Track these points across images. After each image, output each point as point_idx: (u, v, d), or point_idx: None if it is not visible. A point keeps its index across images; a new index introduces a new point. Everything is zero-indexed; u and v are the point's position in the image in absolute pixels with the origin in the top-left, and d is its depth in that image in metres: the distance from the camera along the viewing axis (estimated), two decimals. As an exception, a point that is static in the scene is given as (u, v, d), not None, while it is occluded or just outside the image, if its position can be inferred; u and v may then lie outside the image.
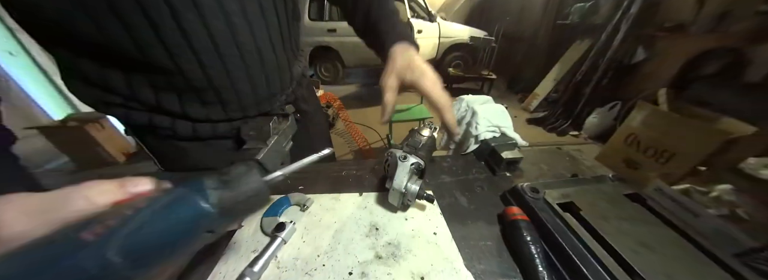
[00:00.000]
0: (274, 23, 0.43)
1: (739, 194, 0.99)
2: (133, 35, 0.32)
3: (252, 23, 0.39)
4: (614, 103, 2.32)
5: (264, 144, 0.45)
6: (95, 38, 0.32)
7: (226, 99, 0.43)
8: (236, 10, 0.37)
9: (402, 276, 0.31)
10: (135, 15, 0.31)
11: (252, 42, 0.40)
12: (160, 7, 0.31)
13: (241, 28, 0.38)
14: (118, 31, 0.31)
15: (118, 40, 0.32)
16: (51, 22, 0.30)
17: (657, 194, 0.41)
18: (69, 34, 0.32)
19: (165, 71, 0.36)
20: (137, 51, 0.33)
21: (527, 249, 0.32)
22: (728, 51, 1.76)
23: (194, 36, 0.35)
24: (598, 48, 2.42)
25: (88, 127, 1.84)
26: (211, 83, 0.40)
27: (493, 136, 0.57)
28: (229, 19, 0.36)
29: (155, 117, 0.42)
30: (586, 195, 0.40)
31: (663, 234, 0.35)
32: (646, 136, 1.53)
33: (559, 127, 2.58)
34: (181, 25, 0.33)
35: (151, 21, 0.32)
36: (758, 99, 1.52)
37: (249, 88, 0.44)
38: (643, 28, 2.18)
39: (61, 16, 0.30)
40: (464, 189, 0.47)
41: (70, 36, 0.32)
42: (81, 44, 0.34)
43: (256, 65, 0.43)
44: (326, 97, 2.65)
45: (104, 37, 0.32)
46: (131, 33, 0.32)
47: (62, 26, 0.31)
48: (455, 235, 0.37)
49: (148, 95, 0.39)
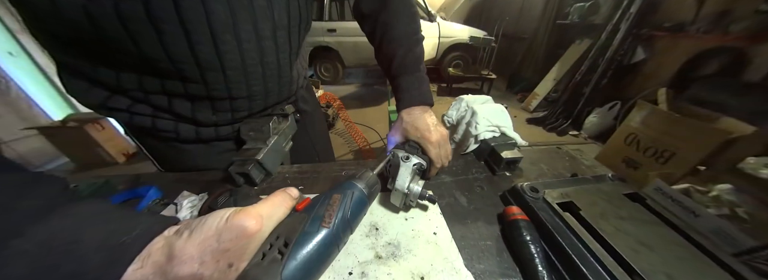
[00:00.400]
0: (295, 43, 0.45)
1: (739, 194, 0.99)
2: (168, 50, 0.33)
3: (279, 45, 0.41)
4: (614, 103, 2.32)
5: (264, 144, 0.45)
6: (127, 49, 0.32)
7: (238, 108, 0.44)
8: (268, 35, 0.39)
9: (402, 276, 0.31)
10: (175, 34, 0.32)
11: (275, 61, 0.42)
12: (202, 28, 0.33)
13: (269, 50, 0.40)
14: (153, 45, 0.32)
15: (151, 53, 0.33)
16: (82, 32, 0.30)
17: (657, 193, 0.41)
18: (96, 42, 0.32)
19: (188, 80, 0.37)
20: (169, 64, 0.34)
21: (527, 249, 0.32)
22: (728, 51, 1.76)
23: (227, 55, 0.36)
24: (597, 48, 2.41)
25: (87, 128, 1.84)
26: (230, 94, 0.41)
27: (493, 136, 0.57)
28: (260, 43, 0.38)
29: (158, 121, 0.42)
30: (586, 195, 0.40)
31: (662, 234, 0.35)
32: (645, 136, 1.53)
33: (559, 127, 2.58)
34: (217, 45, 0.35)
35: (189, 40, 0.33)
36: (758, 99, 1.52)
37: (262, 99, 0.46)
38: (643, 27, 2.18)
39: (96, 28, 0.30)
40: (464, 189, 0.47)
41: (97, 44, 0.32)
42: (105, 51, 0.34)
43: (273, 80, 0.45)
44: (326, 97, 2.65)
45: (138, 49, 0.32)
46: (167, 48, 0.33)
47: (93, 37, 0.31)
48: (455, 235, 0.37)
49: (161, 100, 0.40)
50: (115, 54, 0.34)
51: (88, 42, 0.32)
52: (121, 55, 0.33)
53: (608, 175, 0.46)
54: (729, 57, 1.76)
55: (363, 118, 2.79)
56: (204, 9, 0.31)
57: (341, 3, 3.53)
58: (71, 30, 0.30)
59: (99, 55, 0.35)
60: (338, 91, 3.58)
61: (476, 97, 0.72)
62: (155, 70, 0.36)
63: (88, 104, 0.40)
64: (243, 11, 0.34)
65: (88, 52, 0.34)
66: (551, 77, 2.99)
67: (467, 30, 3.64)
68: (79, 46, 0.34)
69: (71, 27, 0.30)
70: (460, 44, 3.64)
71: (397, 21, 0.49)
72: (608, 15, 2.42)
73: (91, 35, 0.30)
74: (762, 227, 0.88)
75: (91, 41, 0.32)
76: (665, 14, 2.11)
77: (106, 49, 0.33)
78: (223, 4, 0.32)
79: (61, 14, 0.28)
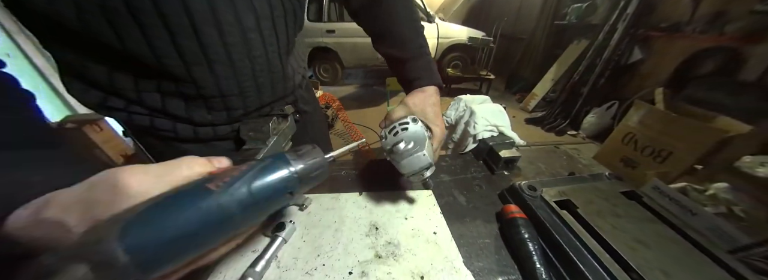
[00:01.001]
0: (283, 36, 0.44)
1: (735, 192, 1.00)
2: (151, 44, 0.33)
3: (265, 38, 0.41)
4: (612, 103, 2.33)
5: (263, 144, 0.46)
6: (113, 44, 0.32)
7: (232, 106, 0.44)
8: (252, 27, 0.38)
9: (402, 275, 0.32)
10: (155, 27, 0.32)
11: (264, 55, 0.42)
12: (181, 20, 0.32)
13: (256, 42, 0.39)
14: (137, 40, 0.32)
15: (135, 48, 0.33)
16: (71, 29, 0.30)
17: (654, 192, 0.41)
18: (86, 39, 0.32)
19: (177, 79, 0.37)
20: (154, 59, 0.34)
21: (525, 246, 0.32)
22: (723, 51, 1.77)
23: (211, 48, 0.36)
24: (595, 48, 2.43)
25: (86, 129, 1.83)
26: (220, 92, 0.41)
27: (491, 136, 0.58)
28: (245, 35, 0.38)
29: (157, 120, 0.42)
30: (583, 193, 0.40)
31: (659, 231, 0.35)
32: (643, 136, 1.54)
33: (558, 126, 2.59)
34: (199, 38, 0.34)
35: (170, 33, 0.32)
36: (753, 98, 1.54)
37: (255, 96, 0.45)
38: (640, 28, 2.19)
39: (83, 23, 0.30)
40: (463, 188, 0.47)
41: (86, 41, 0.32)
42: (94, 48, 0.34)
43: (264, 75, 0.44)
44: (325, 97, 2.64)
45: (122, 44, 0.32)
46: (150, 42, 0.33)
47: (82, 33, 0.31)
48: (454, 233, 0.37)
49: (154, 100, 0.40)
50: (105, 52, 0.34)
51: (79, 39, 0.32)
52: (110, 53, 0.33)
53: (605, 173, 0.46)
54: (725, 57, 1.77)
55: (362, 118, 2.80)
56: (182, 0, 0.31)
57: (340, 4, 3.54)
58: (63, 26, 0.30)
59: (91, 53, 0.35)
60: (337, 91, 3.58)
61: (475, 97, 0.73)
62: (143, 68, 0.35)
63: (88, 104, 0.40)
64: (222, 1, 0.34)
65: (81, 51, 0.34)
66: (549, 77, 3.00)
67: (466, 31, 3.65)
68: (73, 45, 0.34)
69: (62, 23, 0.30)
70: (459, 45, 3.66)
71: (398, 7, 0.49)
72: (605, 15, 2.43)
73: (80, 30, 0.30)
74: (758, 224, 0.89)
75: (81, 38, 0.32)
76: (662, 15, 2.13)
77: (96, 47, 0.33)
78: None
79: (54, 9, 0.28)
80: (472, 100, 0.71)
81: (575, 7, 2.81)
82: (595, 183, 0.44)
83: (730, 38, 1.72)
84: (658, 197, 0.40)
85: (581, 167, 0.57)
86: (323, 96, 2.64)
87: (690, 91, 1.81)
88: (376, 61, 3.65)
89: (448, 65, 3.76)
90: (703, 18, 1.87)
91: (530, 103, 3.09)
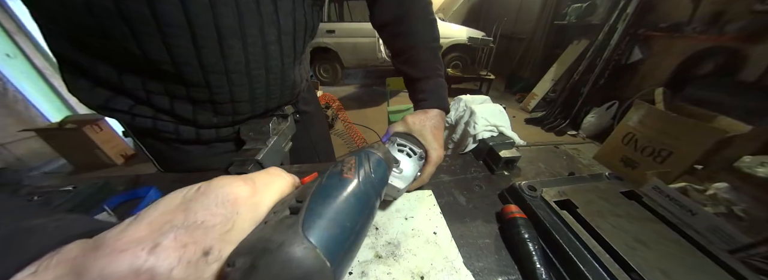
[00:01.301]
0: (300, 48, 0.45)
1: (735, 192, 1.00)
2: (172, 52, 0.33)
3: (284, 50, 0.42)
4: (612, 103, 2.33)
5: (264, 145, 0.46)
6: (131, 49, 0.32)
7: (241, 111, 0.44)
8: (273, 40, 0.39)
9: (402, 275, 0.32)
10: (181, 37, 0.32)
11: (279, 65, 0.43)
12: (209, 33, 0.33)
13: (274, 54, 0.40)
14: (159, 48, 0.32)
15: (155, 54, 0.33)
16: (92, 33, 0.31)
17: (654, 192, 0.41)
18: (101, 40, 0.32)
19: (190, 84, 0.38)
20: (172, 66, 0.35)
21: (525, 247, 0.32)
22: (723, 51, 1.77)
23: (231, 59, 0.36)
24: (595, 48, 2.43)
25: (86, 130, 1.83)
26: (232, 98, 0.41)
27: (491, 136, 0.58)
28: (266, 47, 0.39)
29: (159, 123, 0.42)
30: (583, 193, 0.40)
31: (659, 231, 0.35)
32: (643, 136, 1.54)
33: (558, 126, 2.59)
34: (223, 49, 0.35)
35: (195, 44, 0.33)
36: (753, 98, 1.54)
37: (264, 102, 0.46)
38: (640, 28, 2.19)
39: (105, 30, 0.30)
40: (463, 188, 0.47)
41: (101, 42, 0.32)
42: (108, 49, 0.34)
43: (276, 83, 0.45)
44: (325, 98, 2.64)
45: (141, 49, 0.32)
46: (171, 50, 0.33)
47: (99, 36, 0.31)
48: (454, 233, 0.37)
49: (162, 102, 0.40)
50: (120, 54, 0.34)
51: (94, 40, 0.32)
52: (126, 55, 0.34)
53: (605, 173, 0.46)
54: (724, 57, 1.77)
55: (362, 118, 2.80)
56: (213, 13, 0.32)
57: (340, 4, 3.54)
58: (78, 27, 0.30)
59: (104, 53, 0.35)
60: (337, 91, 3.58)
61: (474, 97, 0.73)
62: (158, 72, 0.36)
63: (90, 104, 0.40)
64: (250, 16, 0.34)
65: (93, 50, 0.35)
66: (549, 77, 3.00)
67: (465, 31, 3.65)
68: (86, 44, 0.34)
69: (78, 23, 0.30)
70: (459, 45, 3.65)
71: (419, 27, 0.49)
72: (605, 15, 2.43)
73: (96, 32, 0.31)
74: (758, 224, 0.89)
75: (96, 39, 0.32)
76: (661, 15, 2.13)
77: (111, 48, 0.33)
78: (231, 9, 0.33)
79: (67, 10, 0.29)
80: (472, 100, 0.71)
81: (575, 6, 2.81)
82: (595, 183, 0.44)
83: (730, 38, 1.72)
84: (658, 197, 0.41)
85: (581, 167, 0.57)
86: (323, 96, 2.64)
87: (690, 91, 1.81)
88: (376, 61, 3.65)
89: (448, 65, 3.76)
90: (703, 18, 1.87)
91: (530, 103, 3.09)
